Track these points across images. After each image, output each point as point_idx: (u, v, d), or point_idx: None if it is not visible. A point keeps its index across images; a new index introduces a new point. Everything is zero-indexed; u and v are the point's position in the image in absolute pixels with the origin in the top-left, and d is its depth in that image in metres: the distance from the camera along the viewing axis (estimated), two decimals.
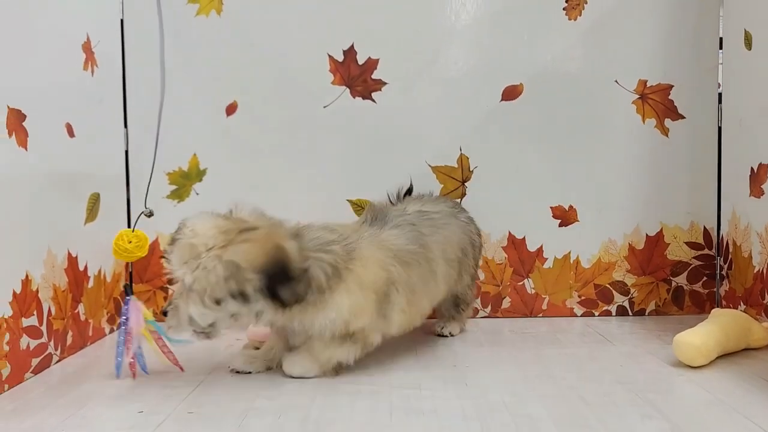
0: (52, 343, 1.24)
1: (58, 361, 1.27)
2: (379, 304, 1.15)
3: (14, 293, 1.12)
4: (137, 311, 1.19)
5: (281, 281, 1.06)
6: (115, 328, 1.54)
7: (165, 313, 1.13)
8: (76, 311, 1.35)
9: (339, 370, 1.17)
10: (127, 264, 1.62)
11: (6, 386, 1.10)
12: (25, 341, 1.15)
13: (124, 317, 1.19)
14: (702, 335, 1.20)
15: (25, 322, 1.16)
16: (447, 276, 1.32)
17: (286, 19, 1.61)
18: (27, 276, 1.16)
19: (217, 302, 1.06)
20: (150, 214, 1.34)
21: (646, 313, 1.65)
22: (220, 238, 1.07)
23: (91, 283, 1.42)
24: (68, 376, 1.19)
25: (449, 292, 1.39)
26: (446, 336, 1.45)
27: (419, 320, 1.29)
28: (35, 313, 1.18)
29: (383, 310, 1.16)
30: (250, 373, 1.19)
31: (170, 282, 1.61)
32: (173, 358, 1.20)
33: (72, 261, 1.33)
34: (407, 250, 1.21)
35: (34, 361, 1.19)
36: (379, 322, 1.16)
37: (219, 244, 1.06)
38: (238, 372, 1.19)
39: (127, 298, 1.21)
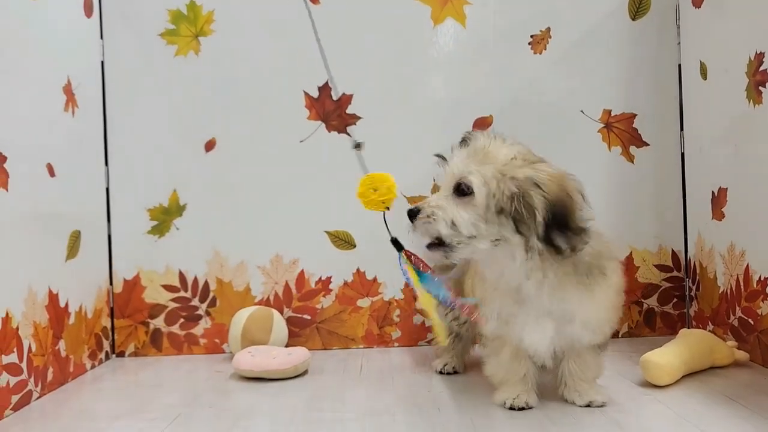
0: (32, 379, 1.26)
1: (38, 398, 1.28)
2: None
3: None
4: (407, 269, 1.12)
5: (560, 226, 0.98)
6: (96, 363, 1.55)
7: (412, 213, 1.05)
8: (56, 348, 1.36)
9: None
10: (108, 299, 1.64)
11: None
12: (4, 378, 1.17)
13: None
14: (668, 355, 1.24)
15: (5, 359, 1.17)
16: None
17: (262, 57, 1.66)
18: (7, 314, 1.18)
19: (498, 214, 0.99)
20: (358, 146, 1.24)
21: (620, 335, 1.69)
22: (519, 156, 1.03)
23: (72, 320, 1.44)
24: (48, 413, 1.21)
25: None
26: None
27: None
28: (15, 350, 1.20)
29: None
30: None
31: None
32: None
33: (53, 298, 1.36)
34: None
35: (14, 398, 1.20)
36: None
37: (518, 160, 1.02)
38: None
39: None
